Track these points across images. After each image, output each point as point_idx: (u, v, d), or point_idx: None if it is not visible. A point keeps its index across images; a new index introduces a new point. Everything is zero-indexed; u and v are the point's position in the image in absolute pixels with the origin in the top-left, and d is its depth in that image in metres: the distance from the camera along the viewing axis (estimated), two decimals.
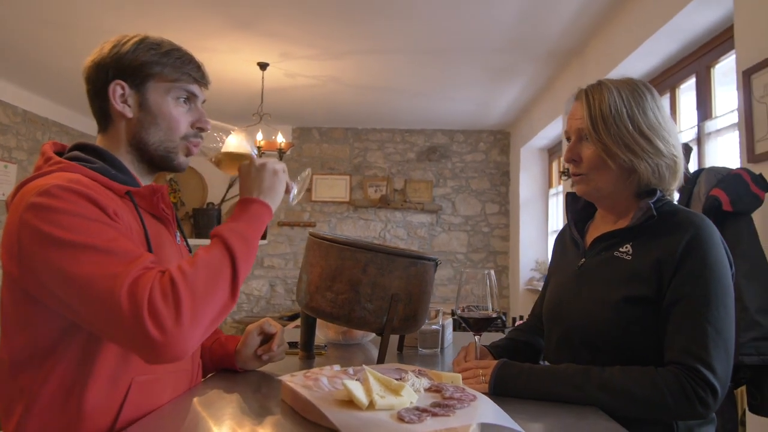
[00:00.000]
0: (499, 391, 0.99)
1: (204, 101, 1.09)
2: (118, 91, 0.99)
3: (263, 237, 5.83)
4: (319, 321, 1.32)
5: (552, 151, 5.13)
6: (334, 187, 5.82)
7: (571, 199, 1.23)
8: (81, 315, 0.81)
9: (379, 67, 4.14)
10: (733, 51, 2.38)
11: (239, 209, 0.97)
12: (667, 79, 2.97)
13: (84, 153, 0.99)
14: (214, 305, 0.82)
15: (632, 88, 1.07)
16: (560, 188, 4.79)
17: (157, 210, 1.02)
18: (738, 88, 2.01)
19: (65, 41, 3.69)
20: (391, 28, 3.41)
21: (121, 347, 0.85)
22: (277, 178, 1.02)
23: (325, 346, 1.41)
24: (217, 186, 5.71)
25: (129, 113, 1.00)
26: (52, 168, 0.93)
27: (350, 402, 0.78)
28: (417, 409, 0.76)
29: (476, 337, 1.13)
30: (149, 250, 0.94)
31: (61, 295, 0.81)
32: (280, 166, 1.05)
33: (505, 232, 5.74)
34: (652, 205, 1.03)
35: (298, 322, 3.97)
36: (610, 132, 1.03)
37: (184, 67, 1.03)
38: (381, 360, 1.14)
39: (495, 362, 1.04)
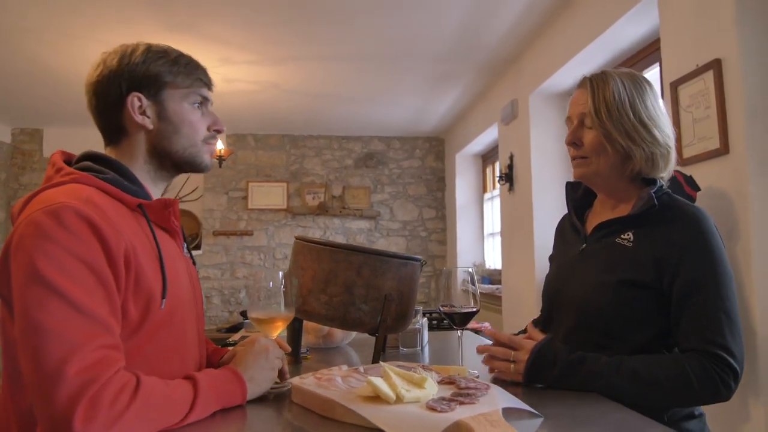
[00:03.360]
0: (532, 380, 1.03)
1: (212, 104, 1.09)
2: (136, 103, 0.98)
3: (197, 247, 5.64)
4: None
5: (486, 157, 5.35)
6: (271, 195, 5.74)
7: (570, 188, 1.30)
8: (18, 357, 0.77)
9: (320, 74, 4.15)
10: (657, 64, 2.62)
11: (227, 377, 0.92)
12: None
13: (95, 163, 0.96)
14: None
15: (634, 79, 1.13)
16: (495, 192, 5.00)
17: (168, 223, 1.00)
18: (665, 98, 2.22)
19: None
20: (334, 35, 3.43)
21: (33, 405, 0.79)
22: (264, 374, 0.96)
23: (307, 350, 1.41)
24: None
25: (150, 125, 0.99)
26: (64, 179, 0.90)
27: (375, 398, 0.80)
28: (443, 399, 0.79)
29: (459, 332, 1.18)
30: (161, 266, 0.92)
31: (18, 327, 0.77)
32: (276, 363, 0.99)
33: (443, 237, 5.90)
34: (653, 195, 1.09)
35: (238, 334, 3.87)
36: (612, 118, 1.09)
37: (195, 73, 1.03)
38: (376, 360, 1.16)
39: (529, 350, 1.04)
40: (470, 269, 1.15)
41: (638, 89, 1.12)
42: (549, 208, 3.56)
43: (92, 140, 1.06)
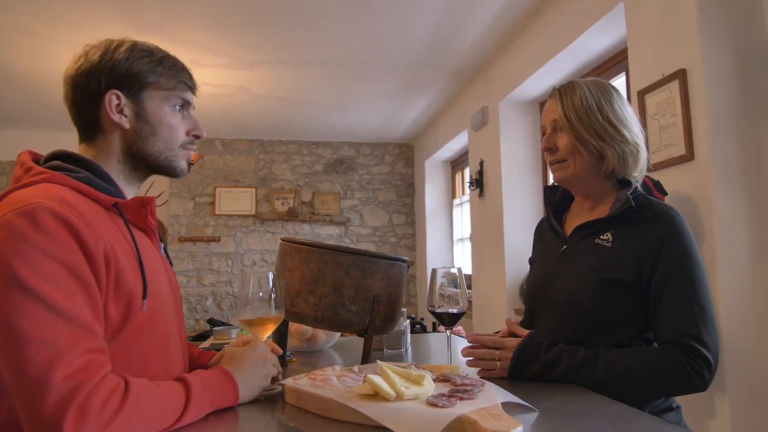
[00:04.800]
0: (516, 375, 1.08)
1: (194, 108, 1.07)
2: (113, 101, 0.95)
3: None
4: None
5: (455, 164, 5.41)
6: (239, 200, 5.66)
7: (549, 192, 1.33)
8: None
9: (290, 79, 4.13)
10: (624, 73, 2.72)
11: (219, 378, 0.90)
12: None
13: (66, 162, 0.93)
14: None
15: (599, 85, 1.19)
16: (464, 198, 5.06)
17: (145, 222, 0.97)
18: (632, 107, 2.30)
19: None
20: (306, 40, 3.43)
21: (19, 414, 0.75)
22: (259, 380, 0.96)
23: (291, 354, 1.40)
24: None
25: (126, 124, 0.96)
26: (35, 179, 0.87)
27: (374, 396, 0.80)
28: (443, 395, 0.80)
29: (447, 331, 1.19)
30: (140, 266, 0.89)
31: None
32: (271, 370, 0.99)
33: (412, 242, 5.93)
34: (630, 197, 1.13)
35: (207, 342, 3.80)
36: (582, 121, 1.14)
37: (179, 75, 1.01)
38: (365, 361, 1.16)
39: (512, 348, 1.10)
40: (452, 270, 1.15)
41: (604, 94, 1.18)
42: (519, 213, 3.63)
43: (47, 143, 1.01)
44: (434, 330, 3.39)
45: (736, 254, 1.84)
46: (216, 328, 4.23)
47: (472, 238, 4.28)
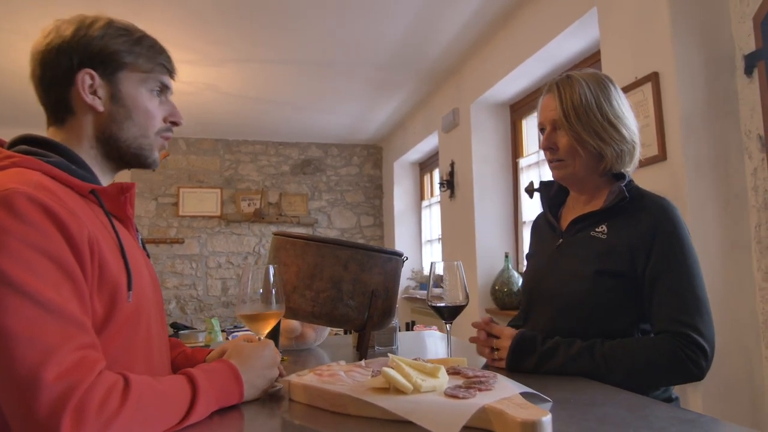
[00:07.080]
0: (513, 367, 1.07)
1: (172, 93, 1.01)
2: (87, 81, 0.88)
3: None
4: None
5: (424, 165, 5.43)
6: (204, 201, 5.52)
7: (544, 188, 1.34)
8: None
9: (260, 77, 4.06)
10: None
11: (226, 374, 0.86)
12: (535, 99, 3.34)
13: (34, 147, 0.86)
14: None
15: (598, 80, 1.18)
16: (433, 200, 5.09)
17: (123, 211, 0.91)
18: None
19: None
20: (277, 38, 3.38)
21: (9, 419, 0.70)
22: (264, 383, 0.93)
23: (282, 352, 1.36)
24: None
25: (100, 106, 0.90)
26: (4, 163, 0.80)
27: (388, 389, 0.78)
28: (460, 387, 0.78)
29: (447, 325, 1.18)
30: (123, 257, 0.84)
31: None
32: (275, 374, 0.95)
33: (380, 244, 5.92)
34: (624, 188, 1.14)
35: None
36: (582, 121, 1.14)
37: (158, 57, 0.95)
38: (363, 356, 1.14)
39: (509, 337, 1.10)
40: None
41: (603, 89, 1.17)
42: (490, 214, 3.67)
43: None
44: (408, 329, 3.38)
45: (707, 252, 1.90)
46: (181, 332, 4.10)
47: (443, 239, 4.30)
